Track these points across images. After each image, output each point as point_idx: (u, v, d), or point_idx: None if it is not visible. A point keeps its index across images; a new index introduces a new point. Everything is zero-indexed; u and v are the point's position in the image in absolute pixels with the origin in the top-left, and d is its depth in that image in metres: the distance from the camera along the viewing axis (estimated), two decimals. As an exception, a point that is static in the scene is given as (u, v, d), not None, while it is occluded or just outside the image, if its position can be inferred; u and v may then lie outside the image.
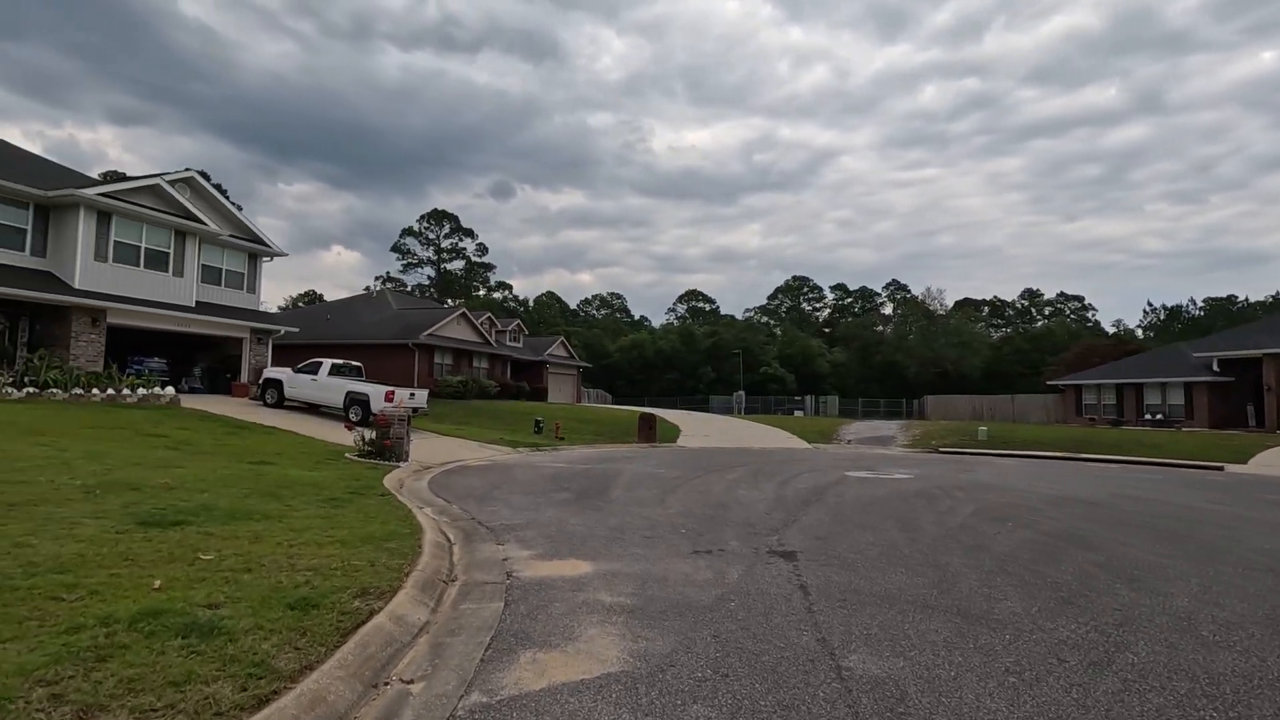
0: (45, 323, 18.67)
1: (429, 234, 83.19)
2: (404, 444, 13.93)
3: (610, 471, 13.95)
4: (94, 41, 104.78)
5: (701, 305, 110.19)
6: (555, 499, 9.93)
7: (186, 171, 22.26)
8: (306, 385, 20.28)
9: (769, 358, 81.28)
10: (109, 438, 11.49)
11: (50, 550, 4.76)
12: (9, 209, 18.08)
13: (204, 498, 7.30)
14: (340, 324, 35.77)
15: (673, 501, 9.92)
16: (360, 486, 9.49)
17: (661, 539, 7.12)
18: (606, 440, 25.09)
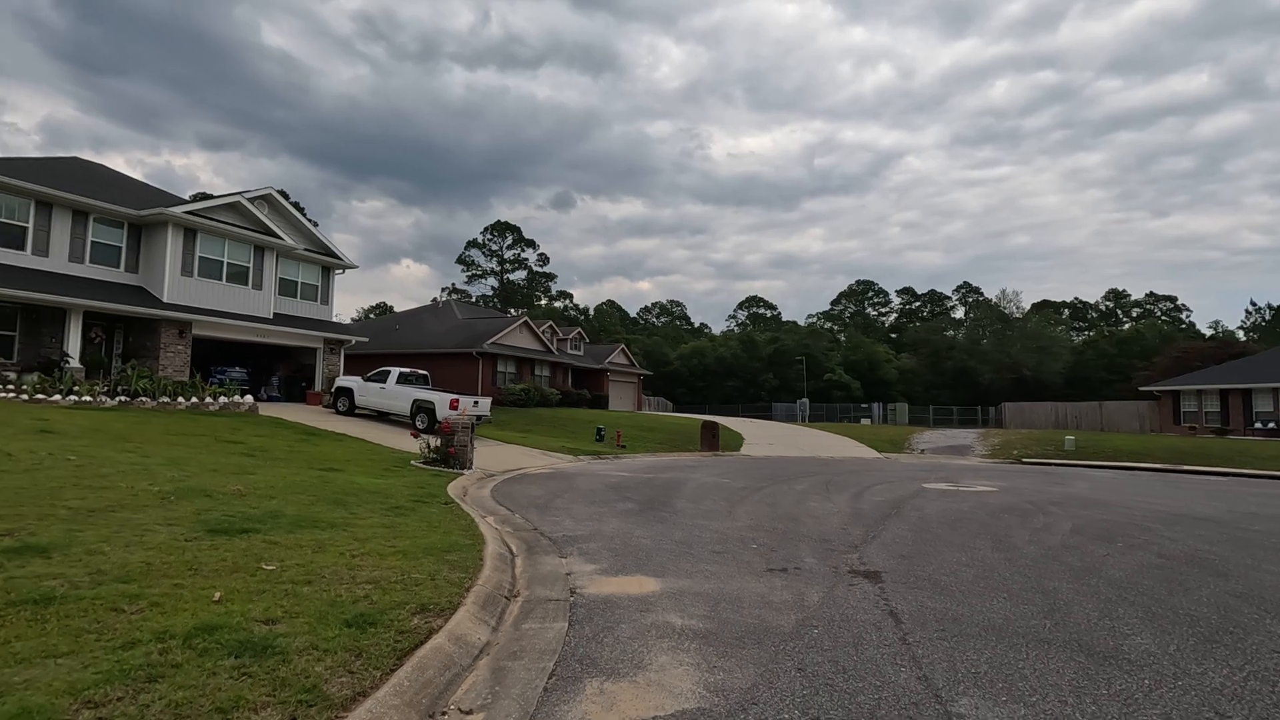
0: (137, 334, 19.74)
1: (492, 245, 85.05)
2: (468, 451, 13.95)
3: (674, 481, 13.59)
4: (189, 74, 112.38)
5: (762, 311, 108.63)
6: (618, 509, 9.64)
7: (265, 189, 23.25)
8: (375, 393, 20.74)
9: (833, 364, 79.22)
10: (189, 444, 11.89)
11: (120, 558, 4.75)
12: (107, 229, 19.23)
13: (273, 504, 7.33)
14: (408, 334, 36.73)
15: (740, 513, 9.47)
16: (424, 494, 9.44)
17: (732, 554, 6.71)
18: (668, 448, 24.73)
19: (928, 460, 24.10)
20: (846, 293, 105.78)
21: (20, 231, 17.24)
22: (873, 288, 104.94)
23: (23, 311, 17.37)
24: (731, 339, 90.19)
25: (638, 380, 50.23)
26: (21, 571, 4.24)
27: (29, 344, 17.50)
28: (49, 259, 17.76)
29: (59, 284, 17.14)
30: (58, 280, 17.36)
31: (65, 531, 5.33)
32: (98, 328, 19.23)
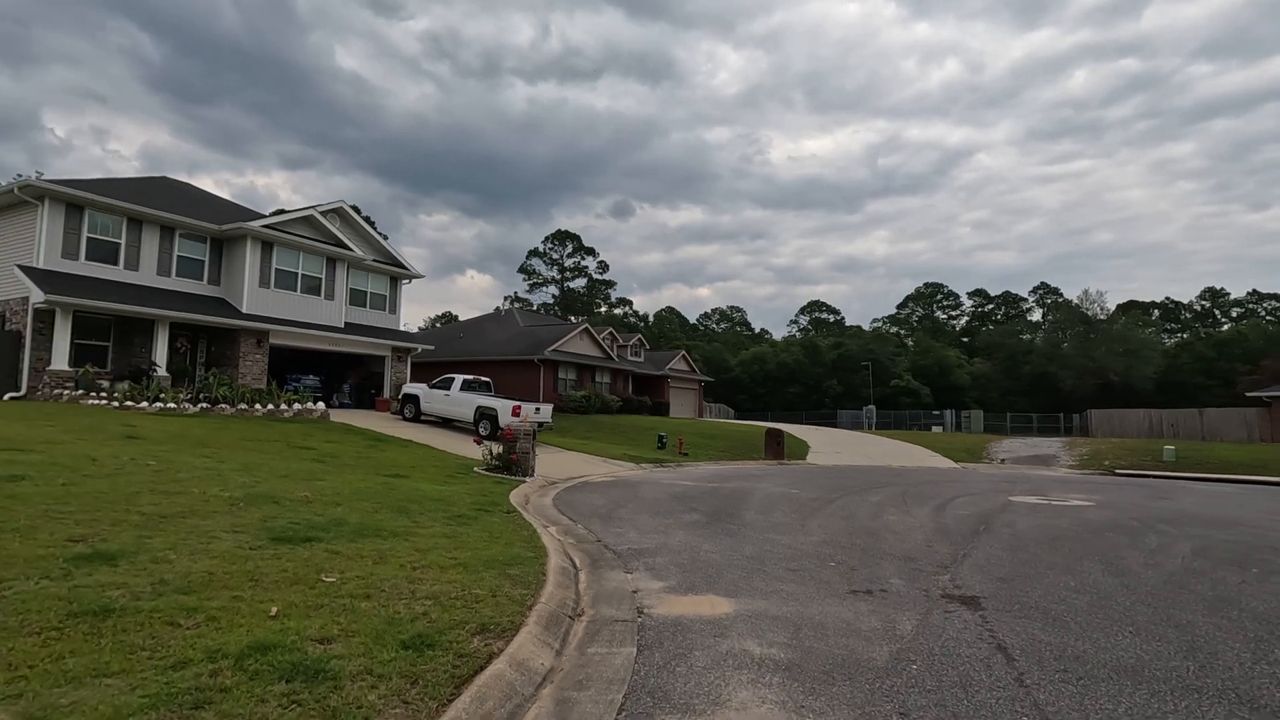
0: (219, 344, 20.62)
1: (553, 254, 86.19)
2: (529, 459, 13.84)
3: (740, 491, 13.10)
4: (270, 100, 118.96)
5: (825, 316, 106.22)
6: (684, 520, 9.26)
7: (336, 203, 24.04)
8: (440, 400, 21.02)
9: (900, 370, 76.53)
10: (263, 449, 12.18)
11: (184, 567, 4.69)
12: (191, 243, 20.19)
13: (337, 512, 7.29)
14: (471, 342, 37.37)
15: (814, 527, 8.93)
16: (486, 502, 9.30)
17: (808, 572, 6.24)
18: (731, 456, 24.16)
19: (1010, 471, 22.71)
20: (914, 295, 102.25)
21: (114, 247, 18.27)
22: (942, 290, 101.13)
23: (116, 323, 18.38)
24: (793, 344, 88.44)
25: (698, 387, 49.68)
26: (89, 580, 4.20)
27: (121, 354, 18.50)
28: (139, 273, 18.76)
29: (148, 296, 18.06)
30: (147, 293, 18.30)
31: (135, 538, 5.35)
32: (183, 338, 20.18)
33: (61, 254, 17.17)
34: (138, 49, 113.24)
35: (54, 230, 17.02)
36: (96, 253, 17.94)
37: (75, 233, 17.46)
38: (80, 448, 9.71)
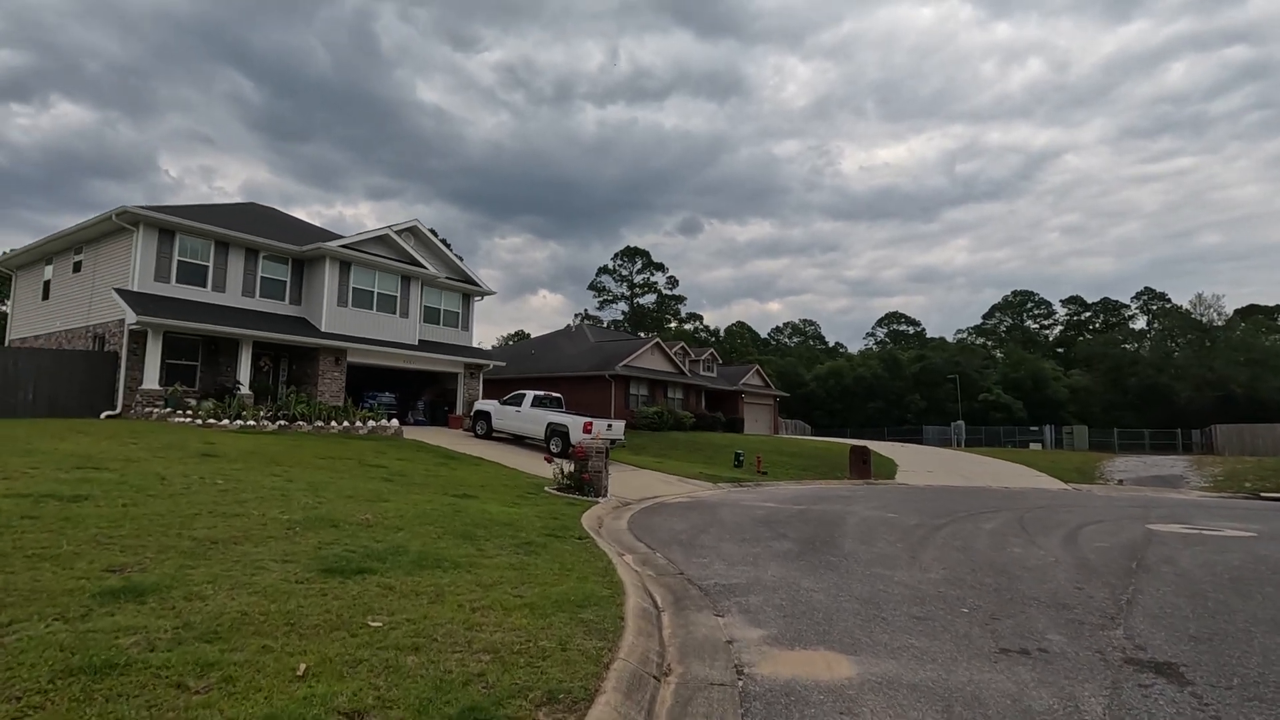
0: (300, 362, 21.02)
1: (622, 270, 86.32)
2: (602, 478, 13.11)
3: (832, 515, 11.93)
4: (359, 135, 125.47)
5: (904, 329, 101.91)
6: (775, 549, 8.25)
7: (411, 222, 24.34)
8: (511, 416, 20.69)
9: (989, 383, 72.19)
10: (334, 468, 11.94)
11: (217, 605, 4.13)
12: (274, 264, 20.74)
13: (399, 538, 6.71)
14: (543, 358, 37.31)
15: (928, 560, 7.76)
16: (557, 527, 8.59)
17: (940, 621, 5.16)
18: (813, 475, 22.76)
19: (1133, 493, 20.35)
20: (1001, 305, 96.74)
21: (202, 270, 18.92)
22: (1032, 298, 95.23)
23: (204, 343, 18.97)
24: (871, 358, 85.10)
25: (774, 402, 48.07)
26: (106, 622, 3.67)
27: (209, 373, 19.06)
28: (225, 294, 19.35)
29: (233, 317, 18.55)
30: (232, 313, 18.81)
31: (177, 568, 4.87)
32: (266, 357, 20.68)
33: (154, 277, 17.86)
34: (240, 93, 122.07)
35: (147, 254, 17.73)
36: (186, 275, 18.59)
37: (167, 256, 18.15)
38: (154, 466, 9.63)
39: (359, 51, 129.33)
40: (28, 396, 16.04)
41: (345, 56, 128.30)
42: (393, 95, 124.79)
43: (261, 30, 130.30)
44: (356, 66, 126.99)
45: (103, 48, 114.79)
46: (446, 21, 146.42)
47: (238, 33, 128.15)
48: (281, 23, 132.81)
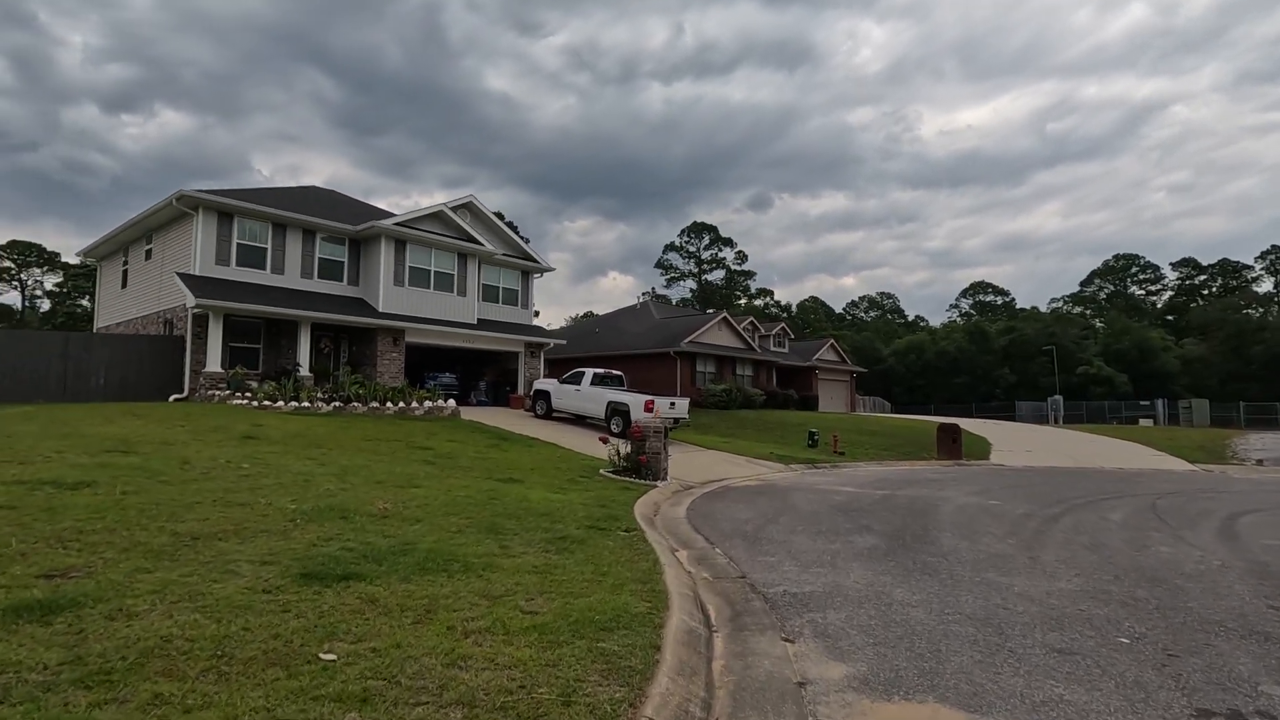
0: (359, 344, 20.87)
1: (689, 247, 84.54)
2: (661, 460, 12.02)
3: (922, 501, 10.44)
4: (431, 126, 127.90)
5: (991, 299, 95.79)
6: (857, 545, 6.95)
7: (466, 197, 23.77)
8: (571, 396, 19.89)
9: (1088, 355, 66.69)
10: (376, 450, 11.35)
11: (141, 628, 3.28)
12: (331, 245, 20.58)
13: (412, 531, 5.83)
14: (606, 336, 36.50)
15: (1052, 561, 6.29)
16: (604, 517, 7.56)
17: (1092, 658, 3.80)
18: (896, 456, 20.97)
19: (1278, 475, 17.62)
20: (1101, 271, 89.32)
21: (261, 252, 18.89)
22: (1137, 262, 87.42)
23: (265, 325, 18.99)
24: (956, 331, 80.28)
25: (850, 378, 45.70)
26: (-21, 653, 2.85)
27: (270, 355, 19.10)
28: (284, 276, 19.29)
29: (291, 299, 18.44)
30: (291, 295, 18.72)
31: (128, 574, 4.09)
32: (326, 338, 20.62)
33: (215, 260, 17.91)
34: (320, 92, 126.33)
35: (207, 238, 17.78)
36: (245, 258, 18.59)
37: (226, 239, 18.16)
38: (187, 449, 9.20)
39: (428, 44, 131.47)
40: (100, 381, 16.37)
41: (415, 50, 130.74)
42: (461, 85, 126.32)
43: (338, 30, 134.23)
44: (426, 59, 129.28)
45: (198, 56, 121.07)
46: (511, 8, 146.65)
47: (316, 34, 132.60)
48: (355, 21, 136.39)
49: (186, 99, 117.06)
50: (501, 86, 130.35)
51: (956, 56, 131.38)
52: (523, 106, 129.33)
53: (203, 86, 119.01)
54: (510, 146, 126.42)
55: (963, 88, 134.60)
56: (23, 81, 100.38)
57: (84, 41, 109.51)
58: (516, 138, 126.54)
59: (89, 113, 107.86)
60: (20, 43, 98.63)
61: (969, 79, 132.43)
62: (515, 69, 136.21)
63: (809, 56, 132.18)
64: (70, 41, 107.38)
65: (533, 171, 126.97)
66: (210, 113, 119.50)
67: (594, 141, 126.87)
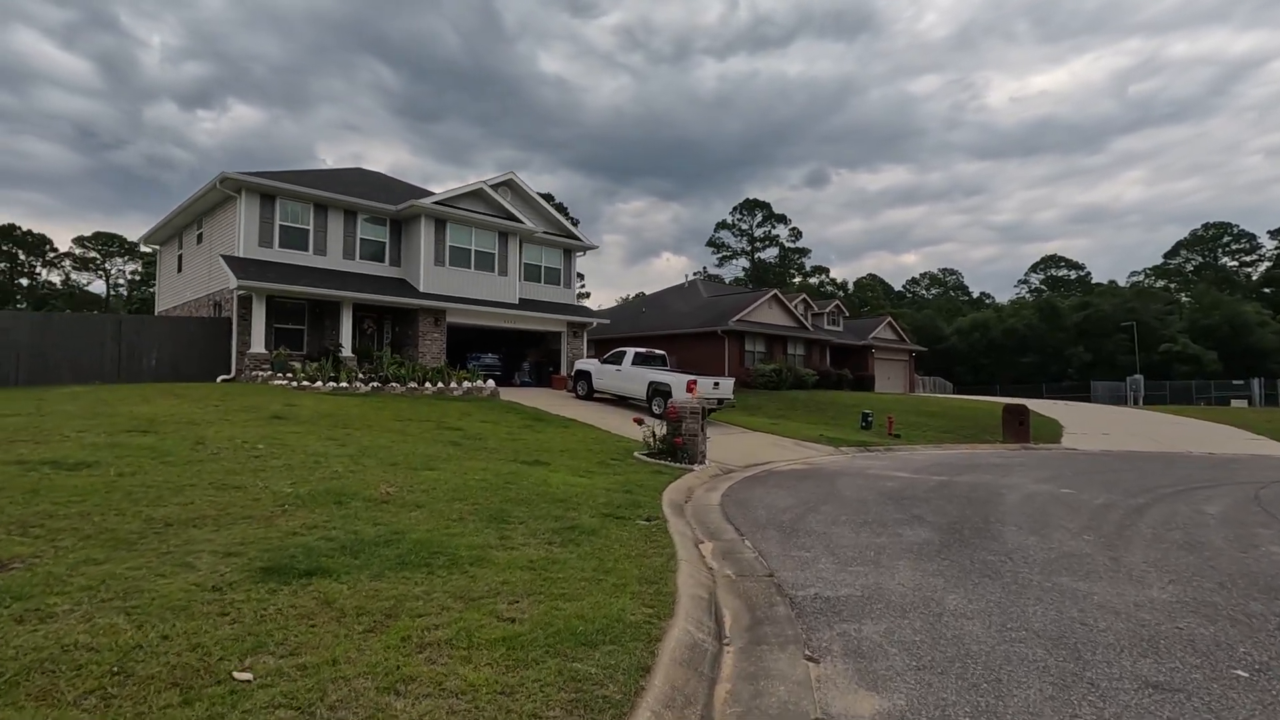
0: (402, 324, 20.85)
1: (741, 225, 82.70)
2: (698, 442, 11.37)
3: (983, 489, 9.47)
4: (488, 111, 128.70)
5: (1064, 273, 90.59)
6: (906, 539, 6.17)
7: (506, 174, 23.39)
8: (612, 375, 19.38)
9: (1172, 331, 62.24)
10: (405, 431, 11.07)
11: (53, 631, 2.87)
12: (373, 226, 20.53)
13: (410, 518, 5.39)
14: (653, 316, 35.84)
15: (1139, 563, 5.38)
16: (626, 503, 6.98)
17: (1201, 698, 3.00)
18: (956, 439, 19.70)
19: (1400, 462, 15.65)
20: (1188, 241, 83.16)
21: (303, 233, 18.96)
22: (1229, 231, 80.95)
23: (309, 307, 19.12)
24: (1024, 307, 76.26)
25: (909, 358, 43.78)
26: None
27: (315, 336, 19.24)
28: (326, 257, 19.35)
29: (333, 279, 18.47)
30: (333, 276, 18.76)
31: (74, 565, 3.74)
32: (369, 319, 20.66)
33: (258, 242, 18.05)
34: (381, 81, 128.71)
35: (251, 220, 17.91)
36: (288, 239, 18.69)
37: (269, 221, 18.28)
38: (207, 429, 9.05)
39: (484, 29, 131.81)
40: (151, 362, 16.75)
41: (471, 35, 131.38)
42: (516, 69, 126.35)
43: (396, 19, 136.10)
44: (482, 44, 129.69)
45: (265, 51, 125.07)
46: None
47: (376, 23, 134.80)
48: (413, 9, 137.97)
49: (256, 93, 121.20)
50: (555, 69, 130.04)
51: (1030, 17, 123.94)
52: (577, 88, 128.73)
53: (271, 80, 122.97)
54: (565, 129, 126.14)
55: (1036, 50, 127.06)
56: (110, 83, 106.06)
57: (162, 42, 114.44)
58: (571, 120, 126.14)
59: (168, 110, 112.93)
60: (107, 46, 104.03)
61: (1043, 40, 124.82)
62: (569, 50, 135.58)
63: (869, 24, 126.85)
64: (150, 43, 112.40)
65: (587, 153, 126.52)
66: (278, 105, 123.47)
67: (647, 121, 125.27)
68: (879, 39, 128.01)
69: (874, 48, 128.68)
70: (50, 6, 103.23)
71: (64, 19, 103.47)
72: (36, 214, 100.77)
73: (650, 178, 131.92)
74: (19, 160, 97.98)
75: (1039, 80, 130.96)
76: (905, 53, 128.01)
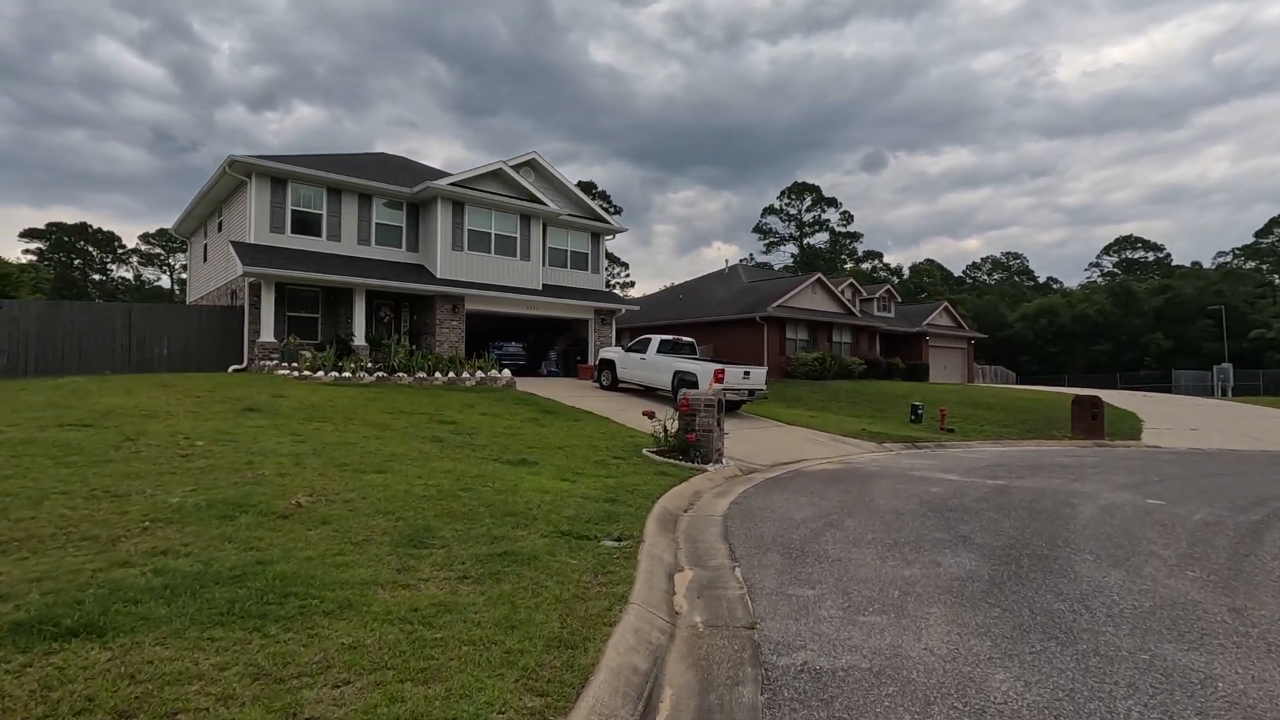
0: (419, 312, 20.09)
1: (790, 209, 79.98)
2: (713, 439, 10.06)
3: (1050, 497, 7.87)
4: (540, 103, 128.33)
5: (1141, 255, 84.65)
6: (945, 570, 4.77)
7: (529, 154, 22.32)
8: (636, 364, 18.15)
9: (1265, 316, 57.15)
10: (391, 425, 10.11)
11: None
12: (389, 210, 19.79)
13: (304, 538, 4.33)
14: (690, 302, 34.39)
15: (1269, 614, 3.86)
16: (599, 517, 5.78)
17: None
18: (1019, 434, 17.75)
19: None
20: (1282, 218, 76.17)
21: (315, 219, 18.34)
22: (1332, 205, 73.72)
23: (323, 294, 18.52)
24: (1097, 292, 71.51)
25: (967, 345, 41.09)
26: None
27: (329, 324, 18.64)
28: (340, 243, 18.68)
29: (345, 265, 17.79)
30: (346, 262, 18.08)
31: None
32: (386, 307, 19.97)
33: (270, 228, 17.48)
34: (435, 78, 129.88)
35: (262, 205, 17.35)
36: (300, 225, 18.08)
37: (280, 206, 17.69)
38: (157, 424, 8.25)
39: (535, 21, 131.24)
40: (162, 352, 16.38)
41: (522, 28, 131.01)
42: (567, 59, 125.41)
43: (449, 15, 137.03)
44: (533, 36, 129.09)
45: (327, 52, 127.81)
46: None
47: (429, 20, 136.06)
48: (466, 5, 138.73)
49: (318, 93, 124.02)
50: (606, 59, 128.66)
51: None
52: (628, 78, 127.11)
53: (332, 80, 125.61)
54: (615, 119, 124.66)
55: (1112, 20, 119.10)
56: (184, 89, 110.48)
57: (231, 47, 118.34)
58: (622, 109, 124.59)
59: (237, 112, 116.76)
60: (181, 53, 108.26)
61: (1120, 9, 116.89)
62: (619, 40, 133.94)
63: (930, 1, 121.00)
64: (220, 48, 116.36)
65: (637, 143, 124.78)
66: (339, 104, 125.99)
67: (699, 108, 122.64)
68: (940, 15, 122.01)
69: (935, 25, 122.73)
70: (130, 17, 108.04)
71: (142, 29, 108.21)
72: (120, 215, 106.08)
73: (701, 166, 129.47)
74: (106, 165, 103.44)
75: (1114, 52, 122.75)
76: (968, 29, 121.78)
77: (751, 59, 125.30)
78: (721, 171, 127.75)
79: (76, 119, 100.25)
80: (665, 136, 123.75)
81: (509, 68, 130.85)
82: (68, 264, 72.02)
